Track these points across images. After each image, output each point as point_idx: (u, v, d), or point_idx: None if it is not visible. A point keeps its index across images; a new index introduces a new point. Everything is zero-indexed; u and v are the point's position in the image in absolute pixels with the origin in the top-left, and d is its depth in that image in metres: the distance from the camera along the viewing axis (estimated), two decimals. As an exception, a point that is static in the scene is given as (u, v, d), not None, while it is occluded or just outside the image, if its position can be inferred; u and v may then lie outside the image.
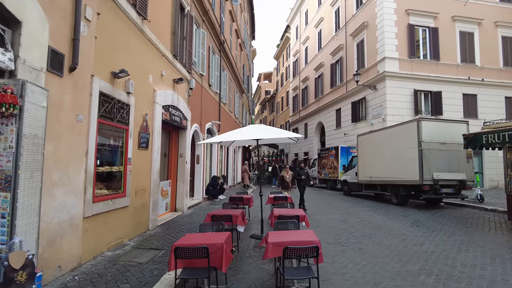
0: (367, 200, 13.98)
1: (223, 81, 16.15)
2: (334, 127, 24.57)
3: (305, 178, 10.86)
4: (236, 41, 21.19)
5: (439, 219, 8.95)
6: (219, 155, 15.73)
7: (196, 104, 11.20)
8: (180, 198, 9.59)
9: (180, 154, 9.68)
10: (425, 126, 10.82)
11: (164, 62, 8.03)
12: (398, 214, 9.96)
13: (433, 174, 10.55)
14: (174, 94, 8.49)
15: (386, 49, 18.02)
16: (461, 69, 18.55)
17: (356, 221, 8.72)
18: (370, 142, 14.23)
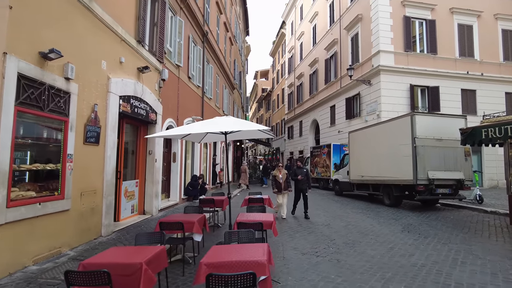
0: (358, 200, 13.12)
1: (207, 74, 15.27)
2: (328, 125, 23.84)
3: (303, 178, 9.08)
4: (225, 34, 20.30)
5: (434, 223, 8.09)
6: (204, 153, 14.85)
7: (171, 97, 10.31)
8: (149, 199, 8.71)
9: (149, 151, 8.80)
10: (420, 121, 9.95)
11: (125, 48, 7.15)
12: (389, 217, 9.10)
13: (428, 173, 9.70)
14: (137, 84, 7.61)
15: (380, 42, 17.17)
16: (460, 63, 17.73)
17: (342, 225, 7.85)
18: (361, 139, 13.37)
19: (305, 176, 9.10)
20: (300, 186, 9.18)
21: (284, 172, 9.24)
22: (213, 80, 16.31)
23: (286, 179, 9.08)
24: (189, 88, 12.26)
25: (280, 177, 9.06)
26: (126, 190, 7.93)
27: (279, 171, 9.27)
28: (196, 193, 11.57)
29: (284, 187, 9.01)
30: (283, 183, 8.99)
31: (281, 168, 9.43)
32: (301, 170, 9.28)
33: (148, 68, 7.85)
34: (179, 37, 10.94)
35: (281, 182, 8.99)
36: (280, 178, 9.03)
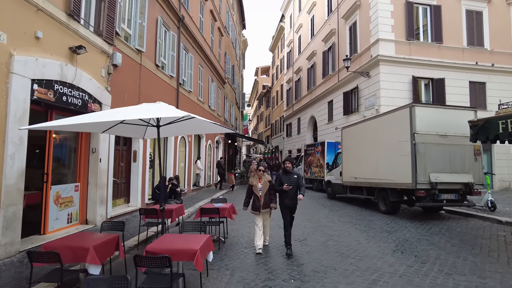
0: (351, 205, 11.57)
1: (186, 64, 13.80)
2: (326, 121, 22.45)
3: (292, 189, 5.59)
4: (212, 23, 18.80)
5: (436, 238, 6.53)
6: (180, 151, 13.40)
7: (129, 86, 8.87)
8: (92, 206, 7.28)
9: (92, 150, 7.36)
10: (420, 114, 8.38)
11: (45, 20, 5.70)
12: (382, 228, 7.56)
13: (430, 175, 8.14)
14: (67, 67, 6.16)
15: (380, 30, 15.60)
16: (468, 53, 16.12)
17: (320, 241, 6.34)
18: (355, 135, 11.80)
19: (295, 184, 5.65)
20: (288, 201, 5.65)
21: (266, 179, 5.81)
22: (194, 71, 14.83)
23: (269, 189, 5.74)
24: (158, 78, 10.80)
25: (259, 187, 5.73)
26: (59, 196, 6.51)
27: (258, 177, 5.83)
28: (165, 197, 10.14)
29: (265, 202, 5.66)
30: (262, 197, 5.67)
31: (261, 172, 5.86)
32: (289, 176, 5.71)
33: (83, 48, 6.39)
34: (141, 18, 9.48)
35: (259, 196, 5.69)
36: (260, 189, 5.72)
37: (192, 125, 5.81)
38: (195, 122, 5.17)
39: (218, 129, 6.01)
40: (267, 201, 5.70)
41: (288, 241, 5.53)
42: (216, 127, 5.85)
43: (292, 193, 5.64)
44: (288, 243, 5.52)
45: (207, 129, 6.70)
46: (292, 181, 5.63)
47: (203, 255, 3.46)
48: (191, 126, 5.88)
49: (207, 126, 5.93)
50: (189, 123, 5.38)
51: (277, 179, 5.76)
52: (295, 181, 5.68)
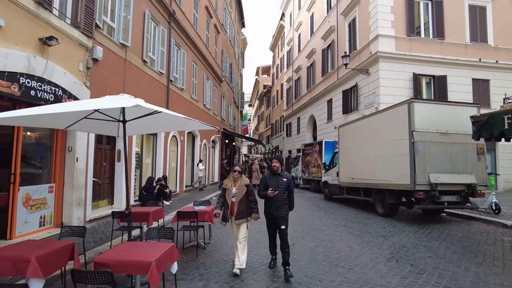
0: (348, 207, 11.07)
1: (178, 61, 13.35)
2: (325, 120, 21.99)
3: (277, 194, 4.52)
4: (208, 20, 18.34)
5: (435, 244, 6.03)
6: (172, 151, 12.95)
7: (113, 82, 8.42)
8: (68, 209, 6.84)
9: (68, 148, 6.92)
10: (420, 110, 7.87)
11: (7, 6, 5.23)
12: (378, 232, 7.06)
13: (429, 176, 7.63)
14: (36, 59, 5.72)
15: (379, 26, 15.09)
16: (471, 49, 15.55)
17: (309, 247, 5.85)
18: (352, 134, 11.30)
19: (284, 189, 4.60)
20: (274, 209, 4.57)
21: (243, 182, 4.67)
22: (187, 68, 14.38)
23: (246, 195, 4.64)
24: (145, 74, 10.35)
25: (233, 191, 4.62)
26: (29, 197, 6.07)
27: (232, 179, 4.73)
28: (151, 198, 9.71)
29: (239, 211, 4.54)
30: (235, 205, 4.54)
31: (237, 174, 4.72)
32: (277, 178, 4.65)
33: (55, 40, 5.95)
34: (126, 11, 9.04)
35: (230, 202, 4.59)
36: (233, 195, 4.61)
37: (169, 122, 5.35)
38: (172, 118, 4.70)
39: (197, 126, 5.55)
40: (241, 210, 4.53)
41: (286, 260, 4.43)
42: (194, 124, 5.39)
43: (281, 200, 4.53)
44: (286, 262, 4.42)
45: (186, 126, 6.23)
46: (280, 185, 4.55)
47: (160, 267, 2.99)
48: (168, 123, 5.41)
49: (185, 123, 5.46)
50: (164, 119, 4.92)
51: (262, 182, 4.71)
52: (284, 185, 4.57)
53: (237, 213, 4.56)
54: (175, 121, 5.38)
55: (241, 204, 4.58)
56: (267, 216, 4.72)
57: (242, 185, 4.64)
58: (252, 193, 4.70)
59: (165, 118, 4.92)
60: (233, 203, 4.58)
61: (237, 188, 4.62)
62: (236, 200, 4.57)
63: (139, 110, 4.42)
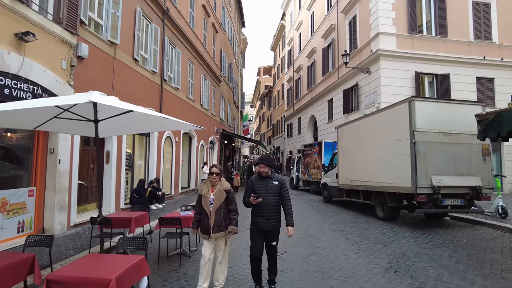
0: (348, 210, 10.65)
1: (173, 60, 13.01)
2: (326, 121, 21.67)
3: (267, 200, 3.83)
4: (205, 19, 18.01)
5: (438, 252, 5.62)
6: (166, 152, 12.60)
7: (100, 81, 8.08)
8: (49, 213, 6.50)
9: (50, 150, 6.59)
10: (421, 109, 7.47)
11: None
12: (377, 238, 6.66)
13: (432, 178, 7.22)
14: (10, 56, 5.38)
15: (380, 23, 14.72)
16: (475, 47, 15.14)
17: (303, 255, 5.46)
18: (351, 134, 10.90)
19: (275, 195, 3.88)
20: (264, 221, 3.83)
21: (222, 187, 3.86)
22: (183, 67, 14.03)
23: (226, 202, 3.86)
24: (137, 73, 10.01)
25: (210, 198, 3.83)
26: (5, 202, 5.73)
27: (209, 183, 3.93)
28: (143, 201, 9.37)
29: (217, 222, 3.76)
30: (213, 214, 3.76)
31: (215, 177, 3.88)
32: (265, 183, 3.88)
33: (31, 35, 5.61)
34: (115, 7, 8.70)
35: (208, 212, 3.78)
36: (210, 202, 3.81)
37: (151, 121, 4.97)
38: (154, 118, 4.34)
39: (182, 126, 5.18)
40: (220, 221, 3.73)
41: (272, 279, 3.97)
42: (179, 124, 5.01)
43: (270, 209, 3.78)
44: (272, 281, 3.96)
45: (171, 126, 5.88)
46: (270, 190, 3.81)
47: (122, 284, 2.62)
48: (149, 122, 5.03)
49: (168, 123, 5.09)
50: (145, 118, 4.56)
51: (248, 187, 3.93)
52: (274, 191, 3.83)
53: (215, 225, 3.73)
54: (158, 121, 5.02)
55: (219, 214, 3.75)
56: (254, 230, 3.86)
57: (221, 191, 3.81)
58: (233, 200, 3.89)
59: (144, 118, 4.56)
60: (210, 212, 3.77)
61: (215, 194, 3.81)
62: (213, 208, 3.76)
63: (113, 109, 4.08)
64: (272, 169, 3.97)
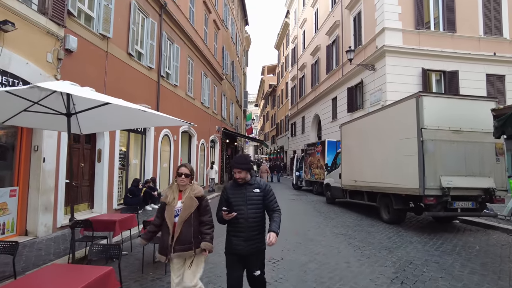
0: (351, 212, 10.19)
1: (171, 56, 12.63)
2: (330, 119, 21.22)
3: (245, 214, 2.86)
4: (206, 15, 17.61)
5: (448, 259, 5.15)
6: (164, 151, 12.23)
7: (91, 76, 7.71)
8: (33, 214, 6.15)
9: (34, 147, 6.23)
10: (429, 105, 6.99)
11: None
12: (381, 243, 6.20)
13: (441, 179, 6.74)
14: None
15: (386, 18, 14.23)
16: (485, 43, 14.57)
17: (299, 263, 5.02)
18: (355, 132, 10.43)
19: (256, 206, 2.93)
20: (241, 242, 2.86)
21: (194, 192, 2.99)
22: (182, 64, 13.65)
23: (198, 212, 2.99)
24: (132, 69, 9.65)
25: (176, 207, 2.94)
26: (-17, 203, 5.39)
27: (177, 188, 3.02)
28: (137, 201, 9.01)
29: (183, 239, 2.89)
30: (178, 228, 2.89)
31: (183, 179, 2.98)
32: (242, 191, 2.93)
33: (9, 24, 5.24)
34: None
35: (170, 225, 2.90)
36: (176, 211, 2.93)
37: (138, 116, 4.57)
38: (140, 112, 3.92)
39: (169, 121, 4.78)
40: (187, 238, 2.86)
41: None
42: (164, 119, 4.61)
43: (250, 226, 2.84)
44: None
45: (159, 122, 5.49)
46: (249, 201, 2.88)
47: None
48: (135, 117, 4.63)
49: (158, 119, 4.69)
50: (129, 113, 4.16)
51: (222, 197, 2.98)
52: (255, 201, 2.90)
53: (179, 241, 2.84)
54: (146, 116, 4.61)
55: (186, 228, 2.87)
56: (229, 255, 2.91)
57: (191, 198, 2.92)
58: (208, 210, 3.00)
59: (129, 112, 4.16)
60: (176, 225, 2.87)
61: (184, 202, 2.91)
62: (179, 220, 2.86)
63: (88, 101, 3.69)
64: (252, 171, 3.02)
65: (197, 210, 2.95)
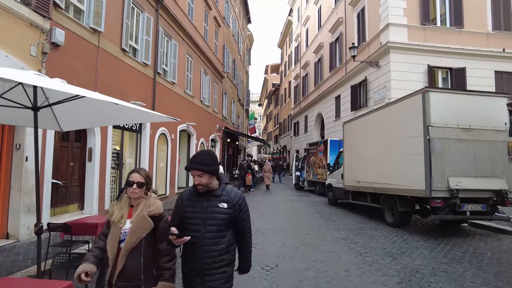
0: (353, 214, 9.78)
1: (169, 52, 12.28)
2: (333, 118, 20.79)
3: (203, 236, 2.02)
4: (206, 11, 17.26)
5: (458, 268, 4.73)
6: (160, 150, 11.90)
7: (80, 72, 7.38)
8: (14, 217, 5.82)
9: (16, 146, 5.91)
10: (437, 101, 6.56)
11: None
12: (385, 249, 5.79)
13: (449, 180, 6.31)
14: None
15: (390, 14, 13.79)
16: (493, 39, 14.08)
17: (295, 271, 4.63)
18: (358, 131, 10.01)
19: (218, 228, 2.06)
20: (195, 277, 2.05)
21: (148, 209, 2.13)
22: (180, 61, 13.30)
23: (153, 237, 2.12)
24: (125, 65, 9.31)
25: (124, 228, 2.11)
26: (-41, 204, 5.07)
27: (127, 202, 2.18)
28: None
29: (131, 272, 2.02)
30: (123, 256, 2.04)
31: (136, 189, 2.13)
32: (201, 203, 2.08)
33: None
34: (100, -9, 8.00)
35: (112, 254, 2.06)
36: (122, 234, 2.10)
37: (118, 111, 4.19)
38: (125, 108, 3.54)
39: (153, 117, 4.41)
40: (135, 273, 2.04)
41: None
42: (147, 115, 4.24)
43: (208, 256, 2.03)
44: None
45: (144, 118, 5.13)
46: (209, 219, 2.05)
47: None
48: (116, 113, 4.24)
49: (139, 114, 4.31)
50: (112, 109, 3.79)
51: (175, 211, 2.17)
52: (218, 220, 2.06)
53: (123, 276, 2.01)
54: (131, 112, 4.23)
55: (134, 258, 2.05)
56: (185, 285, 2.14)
57: (143, 217, 2.10)
58: (164, 234, 2.07)
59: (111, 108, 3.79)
60: (119, 252, 2.06)
61: (133, 222, 2.10)
62: (125, 247, 2.05)
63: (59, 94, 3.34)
64: (222, 176, 2.21)
65: (151, 234, 2.09)
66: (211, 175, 2.05)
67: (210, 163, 2.05)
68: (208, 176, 2.03)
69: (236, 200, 2.12)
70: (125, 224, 2.11)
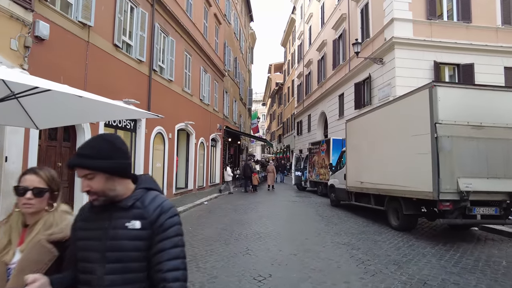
0: (357, 216, 9.34)
1: (166, 49, 11.92)
2: (336, 117, 20.39)
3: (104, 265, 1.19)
4: (206, 8, 16.88)
5: (471, 279, 4.29)
6: (158, 149, 11.54)
7: (68, 68, 7.03)
8: (-6, 221, 5.49)
9: (-5, 145, 5.58)
10: (445, 97, 6.11)
11: None
12: (389, 256, 5.35)
13: (458, 181, 5.86)
14: None
15: (395, 8, 13.34)
16: (503, 33, 13.59)
17: (291, 282, 4.22)
18: (361, 129, 9.57)
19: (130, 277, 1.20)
20: None
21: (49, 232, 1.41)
22: (178, 58, 12.94)
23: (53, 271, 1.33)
24: (118, 61, 8.95)
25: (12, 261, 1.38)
26: None
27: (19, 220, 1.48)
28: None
29: None
30: None
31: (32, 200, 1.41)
32: (101, 224, 1.24)
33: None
34: (89, -17, 7.64)
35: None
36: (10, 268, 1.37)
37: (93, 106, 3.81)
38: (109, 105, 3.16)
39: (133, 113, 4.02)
40: None
41: None
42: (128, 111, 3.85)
43: None
44: None
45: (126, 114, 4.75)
46: (112, 250, 1.21)
47: None
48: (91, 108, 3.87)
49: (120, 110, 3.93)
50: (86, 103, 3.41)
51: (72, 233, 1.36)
52: (126, 253, 1.21)
53: None
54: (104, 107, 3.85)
55: None
56: None
57: (38, 244, 1.39)
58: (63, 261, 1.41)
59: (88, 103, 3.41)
60: None
61: (24, 251, 1.40)
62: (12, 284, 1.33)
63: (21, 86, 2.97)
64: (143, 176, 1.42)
65: (55, 267, 1.39)
66: (109, 175, 1.22)
67: (107, 155, 1.22)
68: (103, 177, 1.21)
69: (156, 215, 1.24)
70: (13, 253, 1.39)
